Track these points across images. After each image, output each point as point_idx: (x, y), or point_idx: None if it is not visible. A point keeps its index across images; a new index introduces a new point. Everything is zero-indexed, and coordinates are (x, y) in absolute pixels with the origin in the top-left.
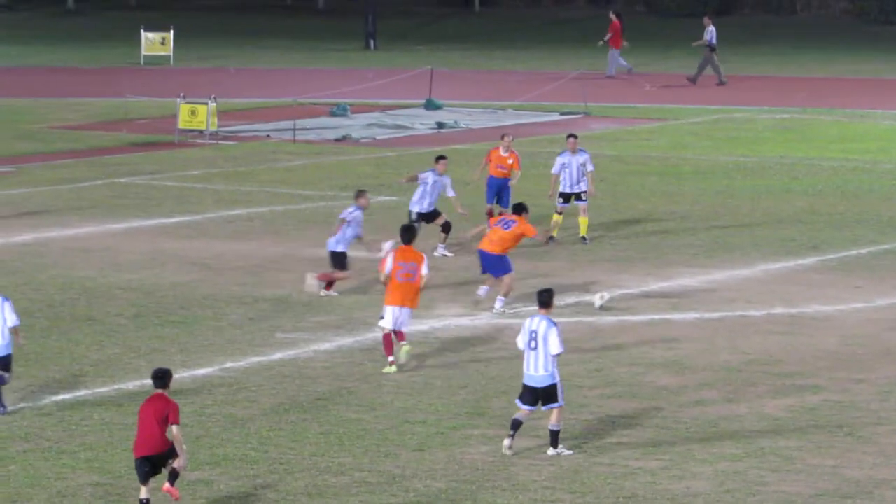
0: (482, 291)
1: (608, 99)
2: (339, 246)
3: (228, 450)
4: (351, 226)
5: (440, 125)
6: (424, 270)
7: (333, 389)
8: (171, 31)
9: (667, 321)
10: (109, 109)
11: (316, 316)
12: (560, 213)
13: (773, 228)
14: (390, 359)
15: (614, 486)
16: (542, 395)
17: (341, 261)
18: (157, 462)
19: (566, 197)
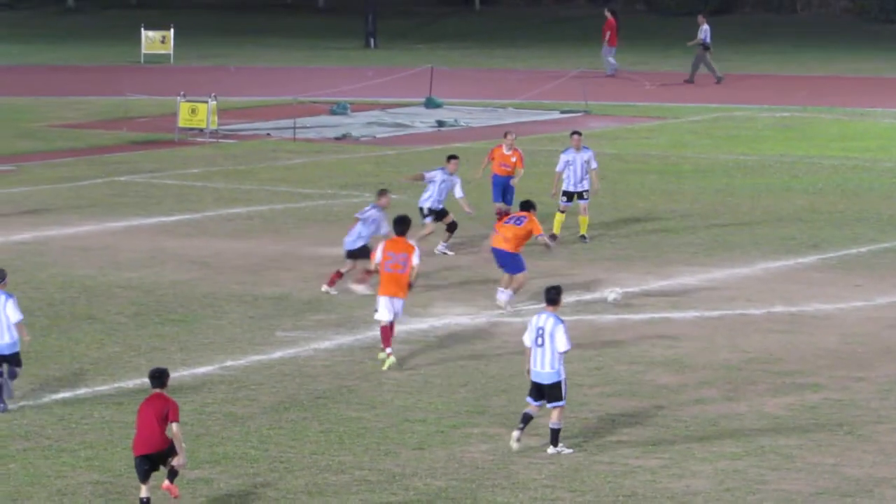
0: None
1: (608, 97)
2: (359, 242)
3: (228, 448)
4: (365, 224)
5: (440, 123)
6: (415, 261)
7: (333, 388)
8: (172, 30)
9: (667, 319)
10: (109, 108)
11: (316, 314)
12: (563, 212)
13: (774, 227)
14: (388, 350)
15: (614, 484)
16: (547, 393)
17: (364, 253)
18: (157, 460)
19: (569, 195)
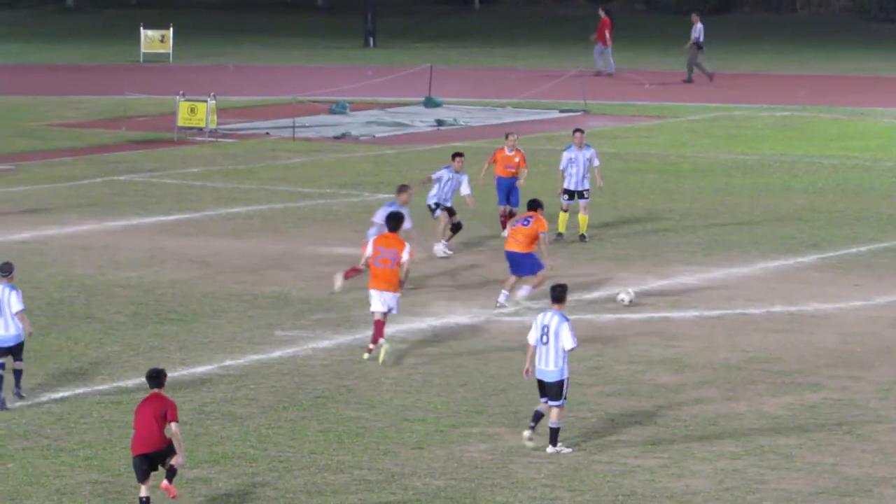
0: (503, 297)
1: (607, 96)
2: None
3: (227, 447)
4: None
5: (439, 123)
6: (405, 257)
7: (332, 387)
8: (171, 29)
9: (666, 319)
10: (109, 107)
11: (315, 314)
12: (566, 211)
13: (773, 226)
14: (381, 340)
15: (613, 484)
16: (548, 390)
17: None
18: (156, 460)
19: (571, 194)
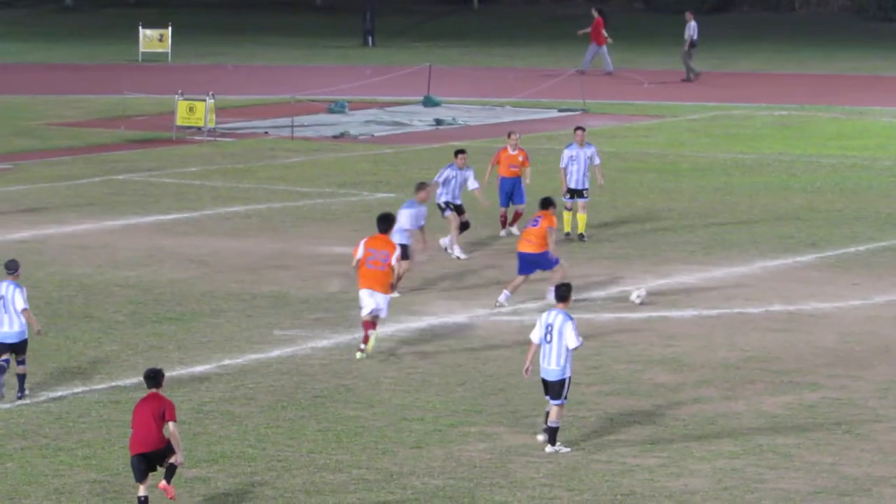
0: (503, 297)
1: (606, 96)
2: (403, 240)
3: (226, 447)
4: (408, 219)
5: (438, 122)
6: (394, 261)
7: (331, 386)
8: (170, 28)
9: (665, 318)
10: (107, 106)
11: (314, 313)
12: (569, 209)
13: (772, 225)
14: (361, 346)
15: (612, 483)
16: (551, 389)
17: (405, 254)
18: (154, 459)
19: (572, 192)
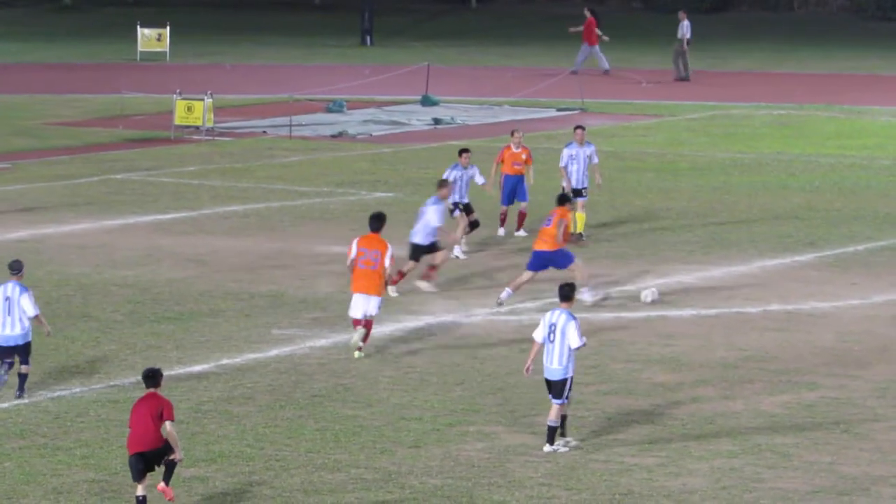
0: (504, 294)
1: (604, 95)
2: (426, 239)
3: (224, 446)
4: (420, 218)
5: (436, 121)
6: (387, 261)
7: (329, 386)
8: (168, 28)
9: (663, 318)
10: (106, 106)
11: (312, 312)
12: (572, 210)
13: (770, 225)
14: (360, 343)
15: (610, 482)
16: (554, 389)
17: (426, 250)
18: (152, 459)
19: (573, 192)
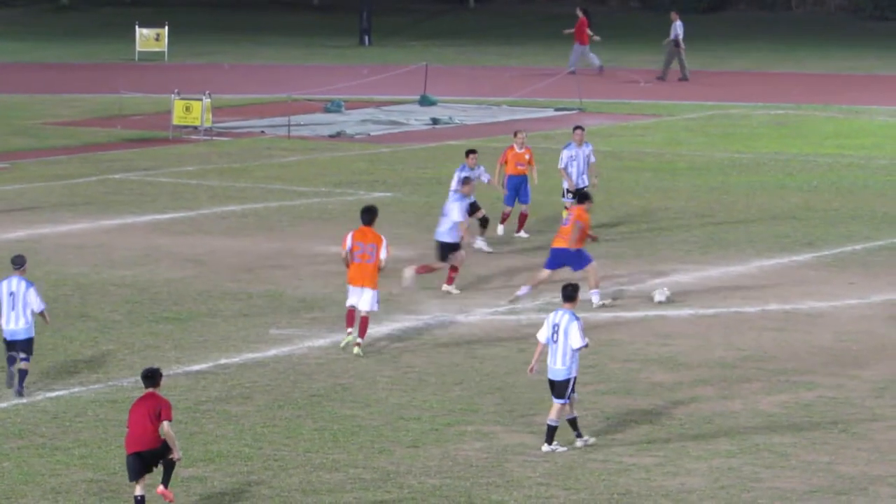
0: (522, 291)
1: (603, 95)
2: (450, 237)
3: (222, 446)
4: (445, 215)
5: (435, 121)
6: (383, 254)
7: (328, 386)
8: (166, 27)
9: (661, 317)
10: (104, 106)
11: (310, 312)
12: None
13: (768, 225)
14: (349, 330)
15: (608, 482)
16: (556, 389)
17: (452, 249)
18: (150, 459)
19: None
